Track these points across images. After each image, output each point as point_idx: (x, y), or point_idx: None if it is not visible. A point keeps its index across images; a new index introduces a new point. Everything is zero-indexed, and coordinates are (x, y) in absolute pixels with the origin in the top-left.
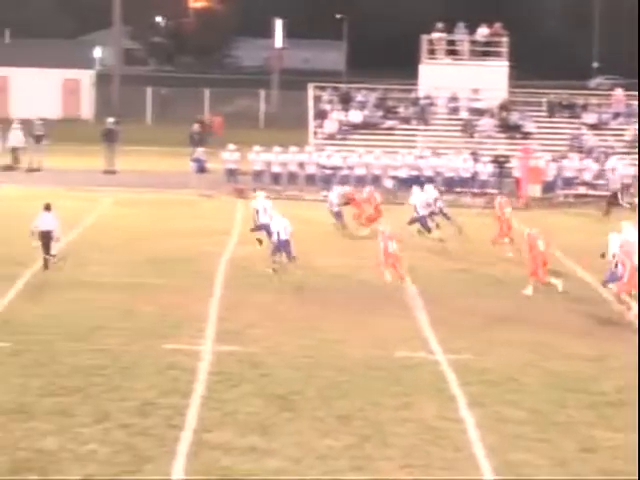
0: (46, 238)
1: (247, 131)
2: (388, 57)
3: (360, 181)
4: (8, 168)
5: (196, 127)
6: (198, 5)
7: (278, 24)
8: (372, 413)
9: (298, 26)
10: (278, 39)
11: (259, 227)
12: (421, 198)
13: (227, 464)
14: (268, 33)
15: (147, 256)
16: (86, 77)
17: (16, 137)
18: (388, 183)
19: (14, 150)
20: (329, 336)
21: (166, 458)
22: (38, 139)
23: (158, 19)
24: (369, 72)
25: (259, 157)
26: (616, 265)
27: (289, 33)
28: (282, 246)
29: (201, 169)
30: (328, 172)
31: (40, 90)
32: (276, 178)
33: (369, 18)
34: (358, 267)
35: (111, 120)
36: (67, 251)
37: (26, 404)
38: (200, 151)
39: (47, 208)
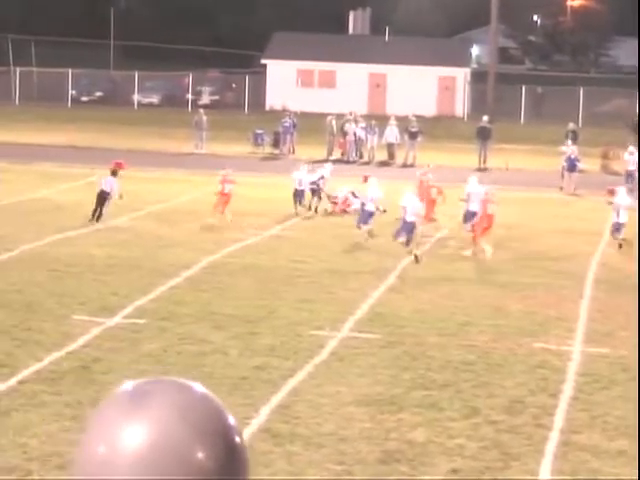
0: (103, 197)
1: (622, 131)
2: None
3: None
4: (384, 164)
5: (571, 126)
6: (576, 3)
7: None
8: None
9: None
10: None
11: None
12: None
13: (596, 467)
14: None
15: (517, 254)
16: (461, 75)
17: (392, 133)
18: None
19: (389, 146)
20: None
21: (534, 457)
22: (413, 136)
23: (535, 18)
24: None
25: (633, 157)
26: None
27: None
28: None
29: (572, 168)
30: None
31: (416, 87)
32: None
33: None
34: None
35: (485, 118)
36: (431, 244)
37: (396, 396)
38: (573, 150)
39: (113, 173)
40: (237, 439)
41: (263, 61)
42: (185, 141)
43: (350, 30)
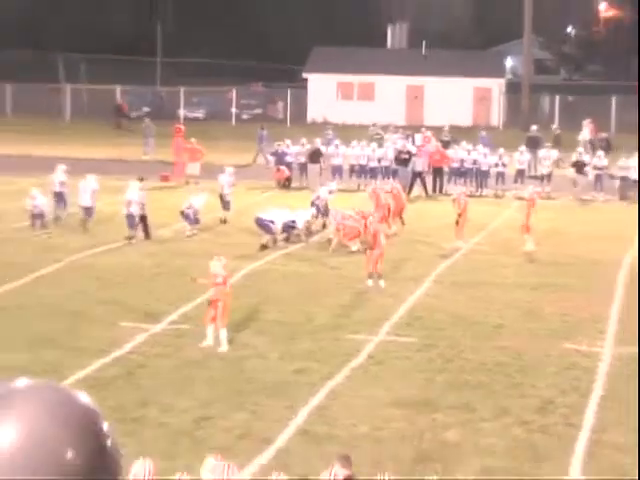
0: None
1: None
2: None
3: None
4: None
5: (603, 134)
6: (609, 14)
7: None
8: None
9: None
10: None
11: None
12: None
13: (626, 465)
14: None
15: (551, 258)
16: (496, 86)
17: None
18: None
19: None
20: None
21: (564, 456)
22: (445, 145)
23: (568, 29)
24: None
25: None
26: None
27: None
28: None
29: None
30: None
31: (452, 98)
32: None
33: None
34: None
35: (534, 127)
36: (472, 249)
37: (431, 397)
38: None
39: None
40: (108, 441)
41: (304, 75)
42: (227, 153)
43: (388, 44)
